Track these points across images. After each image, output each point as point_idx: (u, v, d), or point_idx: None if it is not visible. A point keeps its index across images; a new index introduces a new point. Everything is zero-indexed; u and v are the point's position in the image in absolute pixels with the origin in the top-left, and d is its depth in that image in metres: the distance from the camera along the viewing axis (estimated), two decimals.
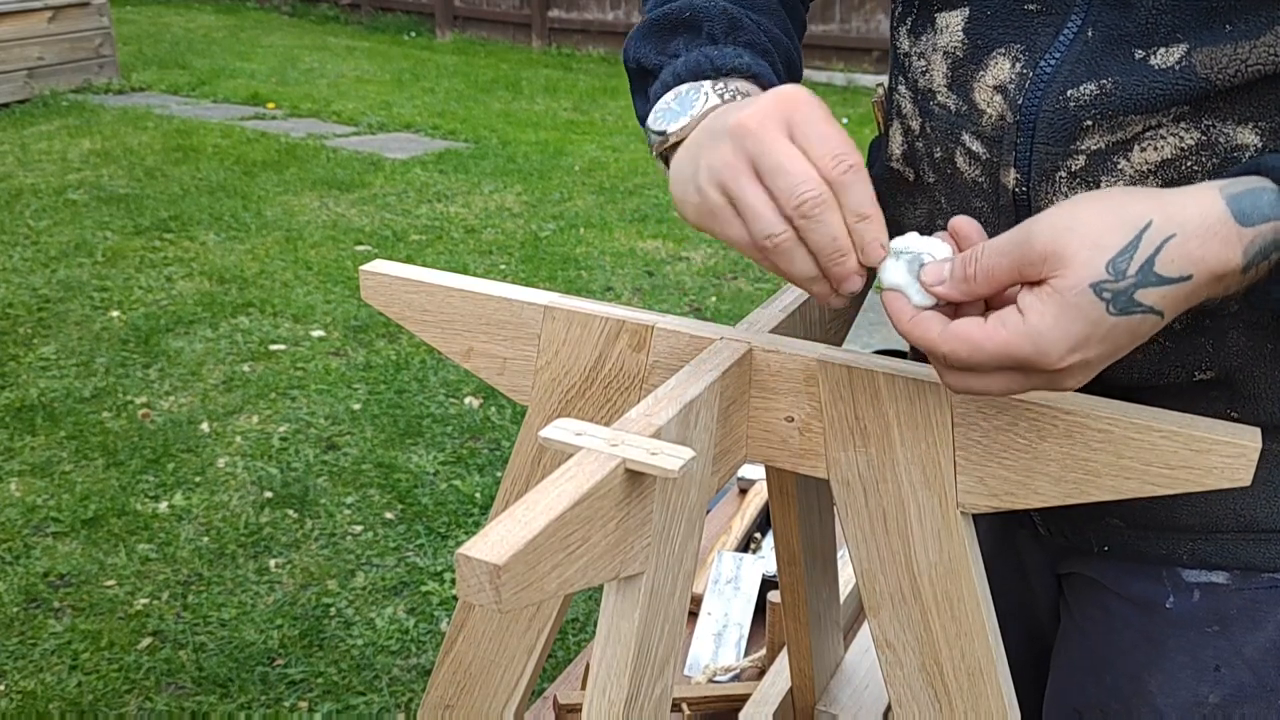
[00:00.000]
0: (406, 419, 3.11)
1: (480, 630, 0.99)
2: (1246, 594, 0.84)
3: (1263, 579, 0.83)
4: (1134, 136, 0.72)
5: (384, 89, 7.67)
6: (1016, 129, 0.75)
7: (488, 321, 0.92)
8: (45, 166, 5.43)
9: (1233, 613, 0.84)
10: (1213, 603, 0.85)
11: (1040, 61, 0.74)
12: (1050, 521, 0.93)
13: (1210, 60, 0.68)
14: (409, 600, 2.38)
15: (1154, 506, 0.82)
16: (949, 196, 0.84)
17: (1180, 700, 0.87)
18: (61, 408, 3.11)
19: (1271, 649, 0.84)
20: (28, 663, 2.16)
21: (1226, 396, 0.79)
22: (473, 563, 0.57)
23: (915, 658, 0.84)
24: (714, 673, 1.66)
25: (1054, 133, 0.74)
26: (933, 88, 0.83)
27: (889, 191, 0.91)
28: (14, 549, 2.50)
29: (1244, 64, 0.68)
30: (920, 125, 0.86)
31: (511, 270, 4.29)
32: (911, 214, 0.91)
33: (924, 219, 0.89)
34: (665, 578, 0.74)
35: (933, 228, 0.86)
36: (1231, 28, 0.67)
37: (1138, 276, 0.59)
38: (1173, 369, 0.78)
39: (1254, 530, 0.82)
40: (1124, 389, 0.78)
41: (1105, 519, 0.88)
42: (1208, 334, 0.76)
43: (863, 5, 8.05)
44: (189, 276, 4.11)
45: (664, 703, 0.78)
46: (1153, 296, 0.59)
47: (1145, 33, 0.70)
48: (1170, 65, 0.69)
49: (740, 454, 0.84)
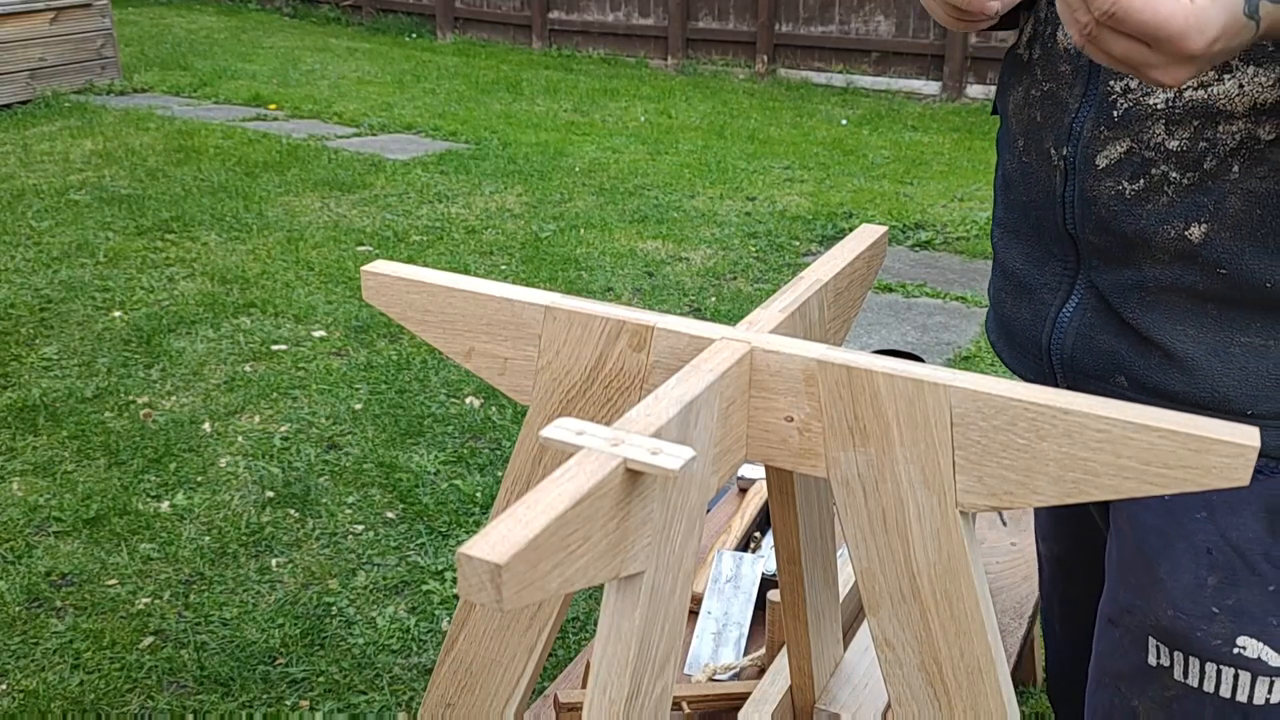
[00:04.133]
0: (408, 419, 3.12)
1: (481, 629, 0.99)
2: None
3: None
4: None
5: (385, 90, 7.67)
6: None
7: (489, 322, 0.92)
8: (47, 167, 5.43)
9: (1214, 498, 0.91)
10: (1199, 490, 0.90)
11: None
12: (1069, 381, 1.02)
13: None
14: (410, 599, 2.38)
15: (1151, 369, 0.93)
16: (1044, 68, 0.99)
17: (1185, 583, 0.93)
18: (63, 407, 3.12)
19: (1253, 536, 0.90)
20: (29, 662, 2.16)
21: (1217, 257, 0.89)
22: (474, 562, 0.58)
23: (914, 656, 0.84)
24: (714, 671, 1.67)
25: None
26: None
27: (1008, 75, 1.07)
28: (16, 548, 2.50)
29: None
30: (1046, 12, 0.99)
31: (512, 271, 4.30)
32: (1015, 93, 1.05)
33: (1021, 94, 1.03)
34: (665, 577, 0.74)
35: (1028, 98, 1.01)
36: None
37: None
38: (1176, 219, 0.89)
39: (1227, 410, 0.89)
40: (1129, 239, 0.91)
41: (1114, 377, 0.97)
42: (1211, 194, 0.88)
43: (863, 6, 8.05)
44: (191, 277, 4.12)
45: (664, 701, 0.78)
46: (1264, 9, 0.72)
47: None
48: None
49: (740, 454, 0.85)
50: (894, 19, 7.93)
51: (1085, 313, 0.97)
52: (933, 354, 3.66)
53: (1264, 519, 0.90)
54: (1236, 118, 0.86)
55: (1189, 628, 0.94)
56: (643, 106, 7.41)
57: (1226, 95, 0.86)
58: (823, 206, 5.19)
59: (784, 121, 7.03)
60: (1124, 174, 0.91)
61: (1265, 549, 0.90)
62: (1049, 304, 1.00)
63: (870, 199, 5.30)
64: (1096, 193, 0.93)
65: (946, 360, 3.64)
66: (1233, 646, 0.92)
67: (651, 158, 6.06)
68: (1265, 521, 0.90)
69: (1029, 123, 1.01)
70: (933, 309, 4.09)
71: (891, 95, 7.91)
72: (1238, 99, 0.86)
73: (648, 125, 6.89)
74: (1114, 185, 0.92)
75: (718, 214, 5.07)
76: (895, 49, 8.00)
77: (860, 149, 6.34)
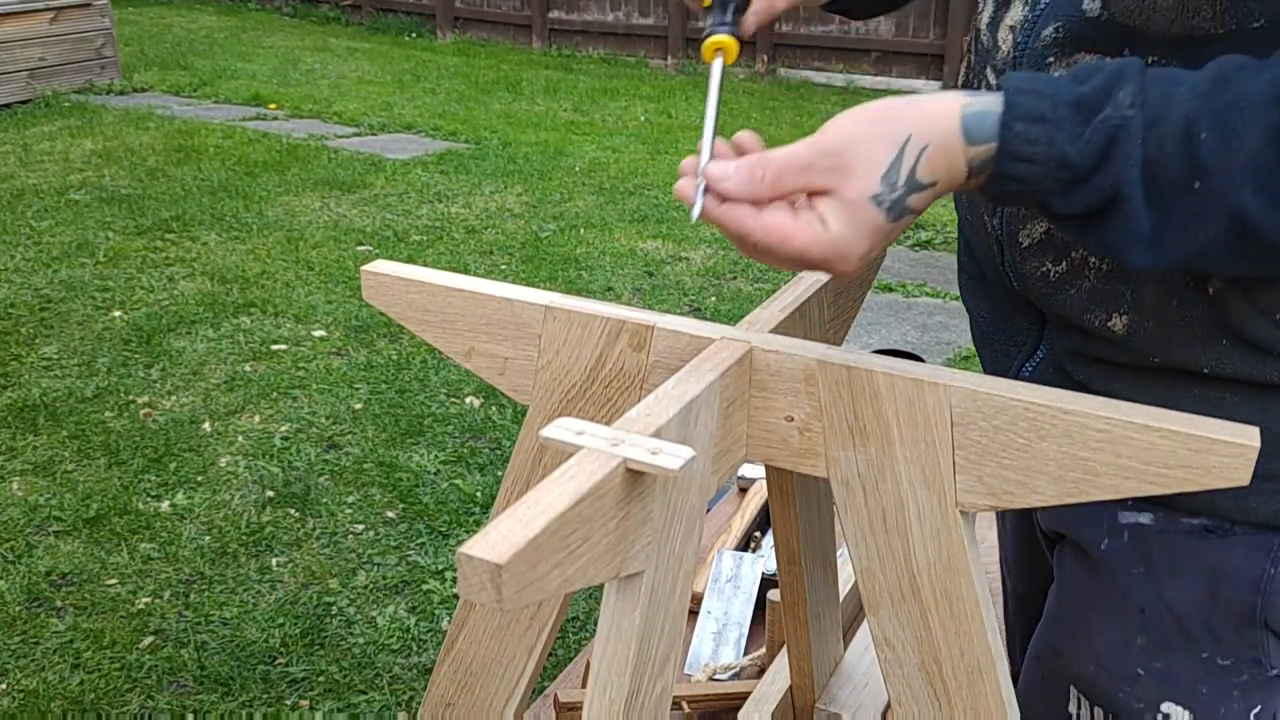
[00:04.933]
0: (408, 418, 3.12)
1: (481, 629, 0.99)
2: (1166, 536, 0.86)
3: (1181, 523, 0.85)
4: None
5: (385, 90, 7.67)
6: (1013, 64, 0.83)
7: (489, 321, 0.92)
8: (47, 167, 5.43)
9: (1155, 555, 0.87)
10: (1139, 544, 0.87)
11: (1038, 4, 0.81)
12: None
13: (1122, 7, 0.75)
14: (410, 599, 2.38)
15: None
16: None
17: (1112, 640, 0.90)
18: (64, 407, 3.12)
19: (1192, 600, 0.85)
20: (30, 661, 2.16)
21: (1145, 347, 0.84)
22: (474, 561, 0.57)
23: (914, 656, 0.84)
24: (714, 671, 1.67)
25: (1029, 69, 0.82)
26: (980, 27, 0.91)
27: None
28: (16, 548, 2.50)
29: (1151, 13, 0.73)
30: (970, 61, 0.95)
31: (512, 270, 4.29)
32: None
33: None
34: (665, 576, 0.74)
35: None
36: None
37: (906, 186, 0.69)
38: (1099, 307, 0.85)
39: None
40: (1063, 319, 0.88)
41: None
42: (1129, 283, 0.83)
43: None
44: (191, 276, 4.12)
45: (664, 701, 0.78)
46: (915, 200, 0.71)
47: None
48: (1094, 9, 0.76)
49: (740, 453, 0.85)
50: (894, 18, 7.93)
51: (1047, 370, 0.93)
52: (933, 354, 3.66)
53: (1205, 582, 0.85)
54: None
55: (1111, 686, 0.90)
56: (643, 106, 7.40)
57: None
58: None
59: (784, 121, 7.03)
60: (1047, 255, 0.86)
61: (1203, 615, 0.85)
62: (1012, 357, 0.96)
63: None
64: (1025, 270, 0.88)
65: (946, 360, 3.64)
66: (1156, 712, 0.88)
67: (651, 157, 6.06)
68: (1206, 585, 0.85)
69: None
70: (933, 309, 4.09)
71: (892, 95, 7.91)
72: None
73: (648, 125, 6.89)
74: (1039, 265, 0.87)
75: None
76: (895, 49, 8.00)
77: None
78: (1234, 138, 0.65)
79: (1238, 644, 0.85)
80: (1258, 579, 0.83)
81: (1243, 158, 0.65)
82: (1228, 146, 0.65)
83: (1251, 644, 0.85)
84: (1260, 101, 0.65)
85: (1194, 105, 0.66)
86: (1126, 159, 0.66)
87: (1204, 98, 0.66)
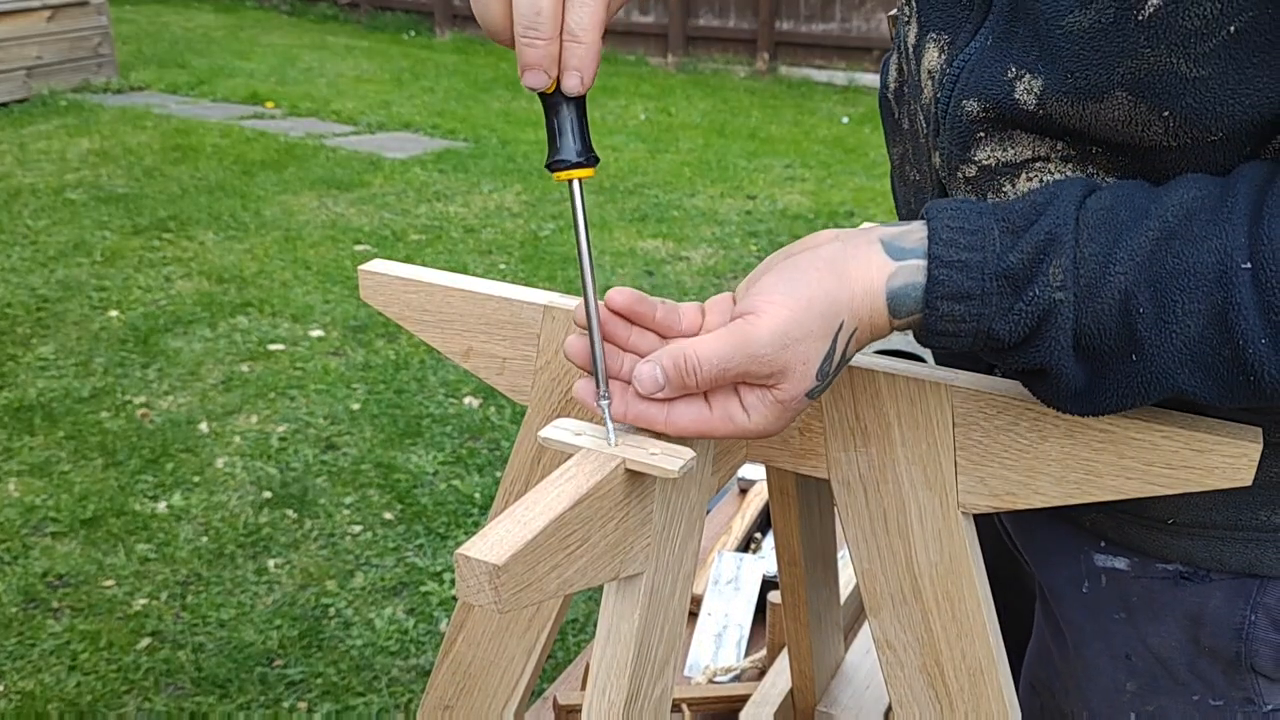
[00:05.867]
0: (406, 419, 3.11)
1: (480, 631, 0.99)
2: (1144, 582, 0.83)
3: (1157, 569, 0.82)
4: (1023, 163, 0.71)
5: (383, 88, 7.66)
6: (937, 120, 0.76)
7: (487, 321, 0.91)
8: (44, 166, 5.42)
9: (1134, 600, 0.84)
10: (1117, 589, 0.85)
11: (956, 59, 0.73)
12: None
13: (1062, 109, 0.67)
14: (408, 601, 2.37)
15: None
16: (913, 150, 0.85)
17: (1102, 686, 0.88)
18: (60, 408, 3.11)
19: (1176, 645, 0.83)
20: (26, 663, 2.15)
21: None
22: (472, 563, 0.57)
23: (916, 658, 0.84)
24: (714, 673, 1.66)
25: (954, 135, 0.74)
26: (905, 43, 0.82)
27: (883, 117, 0.92)
28: (12, 549, 2.50)
29: (1095, 121, 0.66)
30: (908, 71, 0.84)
31: (511, 270, 4.29)
32: (891, 149, 0.92)
33: (897, 160, 0.90)
34: (665, 578, 0.74)
35: (903, 173, 0.89)
36: (1073, 79, 0.65)
37: (835, 371, 0.67)
38: None
39: (1144, 516, 0.81)
40: None
41: None
42: None
43: (862, 5, 8.04)
44: (187, 276, 4.11)
45: (664, 703, 0.77)
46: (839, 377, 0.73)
47: (1017, 57, 0.68)
48: (1029, 102, 0.68)
49: (740, 454, 0.84)
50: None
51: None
52: None
53: (1186, 628, 0.83)
54: None
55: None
56: (642, 104, 7.40)
57: None
58: (824, 205, 5.18)
59: (785, 120, 7.03)
60: None
61: (1189, 659, 0.83)
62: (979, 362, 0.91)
63: (871, 197, 5.30)
64: None
65: None
66: None
67: (651, 156, 6.06)
68: (1187, 630, 0.83)
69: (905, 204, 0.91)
70: None
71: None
72: None
73: (647, 123, 6.88)
74: None
75: (718, 213, 5.07)
76: None
77: (861, 147, 6.34)
78: (1174, 319, 0.60)
79: (1228, 686, 0.83)
80: (1239, 625, 0.80)
81: (1181, 340, 0.60)
82: (1166, 327, 0.60)
83: (1241, 686, 0.83)
84: (1206, 276, 0.59)
85: (1133, 275, 0.61)
86: (1055, 340, 0.63)
87: (1145, 265, 0.61)
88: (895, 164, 0.91)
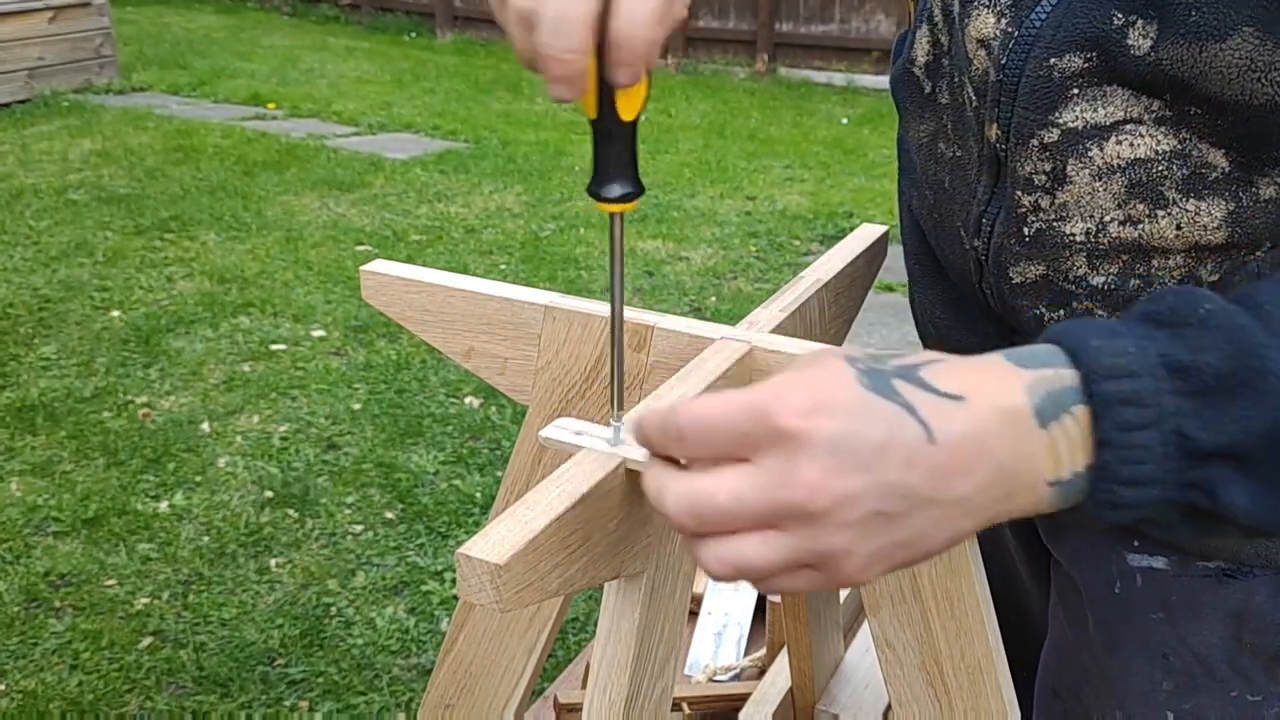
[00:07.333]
0: (407, 419, 3.11)
1: (481, 630, 0.99)
2: (1184, 581, 0.83)
3: (1197, 567, 0.82)
4: (1113, 125, 0.69)
5: (384, 89, 7.66)
6: (999, 87, 0.72)
7: (488, 321, 0.92)
8: (46, 166, 5.42)
9: (1174, 599, 0.83)
10: (1155, 589, 0.84)
11: (1028, 18, 0.70)
12: None
13: (1177, 54, 0.64)
14: (409, 600, 2.38)
15: None
16: (954, 124, 0.81)
17: (1136, 687, 0.87)
18: (62, 407, 3.11)
19: (1217, 643, 0.83)
20: (28, 662, 2.16)
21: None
22: (473, 562, 0.57)
23: (915, 657, 0.84)
24: (714, 672, 1.66)
25: (1035, 99, 0.70)
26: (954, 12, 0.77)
27: (904, 94, 0.87)
28: (15, 548, 2.50)
29: (1208, 69, 0.64)
30: (948, 42, 0.80)
31: (512, 270, 4.29)
32: (917, 127, 0.87)
33: (927, 137, 0.86)
34: (665, 577, 0.74)
35: (935, 150, 0.85)
36: (1197, 14, 0.62)
37: None
38: None
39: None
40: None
41: None
42: None
43: (863, 5, 8.04)
44: (189, 276, 4.11)
45: (664, 702, 0.78)
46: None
47: (1121, 3, 0.65)
48: (1143, 47, 0.65)
49: None
50: (894, 18, 7.93)
51: None
52: None
53: (1228, 625, 0.82)
54: (1173, 253, 0.73)
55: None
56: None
57: (1161, 235, 0.72)
58: (823, 206, 5.18)
59: (784, 121, 7.03)
60: (1041, 299, 0.78)
61: (1230, 656, 0.83)
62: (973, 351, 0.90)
63: (871, 198, 5.30)
64: (1015, 306, 0.80)
65: None
66: None
67: (651, 157, 6.06)
68: (1230, 628, 0.82)
69: (936, 183, 0.85)
70: None
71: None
72: (1174, 239, 0.72)
73: (647, 124, 6.88)
74: (1032, 307, 0.79)
75: (718, 213, 5.07)
76: None
77: (861, 148, 6.34)
78: None
79: (1267, 681, 0.83)
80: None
81: None
82: None
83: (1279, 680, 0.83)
84: None
85: None
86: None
87: None
88: (924, 141, 0.86)
